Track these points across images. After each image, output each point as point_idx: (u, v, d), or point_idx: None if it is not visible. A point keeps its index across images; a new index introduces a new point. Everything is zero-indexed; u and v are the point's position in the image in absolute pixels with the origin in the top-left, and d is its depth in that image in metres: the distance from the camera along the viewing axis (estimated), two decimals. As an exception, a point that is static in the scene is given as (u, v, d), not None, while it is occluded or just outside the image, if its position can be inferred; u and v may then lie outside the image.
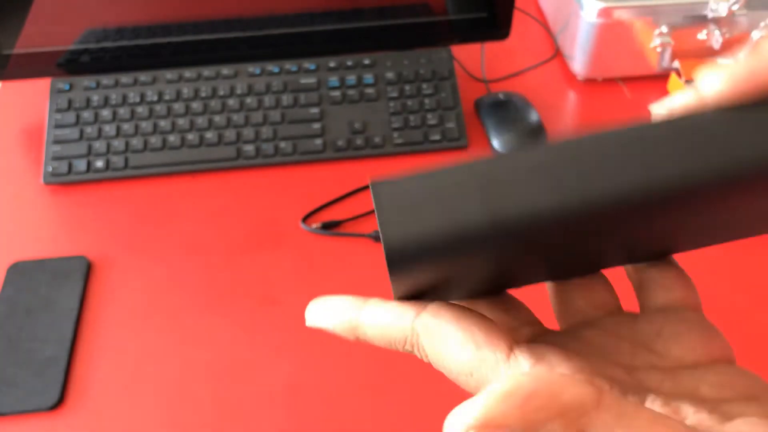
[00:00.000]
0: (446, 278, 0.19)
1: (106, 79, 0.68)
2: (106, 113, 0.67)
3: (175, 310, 0.56)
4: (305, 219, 0.62)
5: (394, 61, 0.70)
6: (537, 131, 0.67)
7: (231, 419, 0.49)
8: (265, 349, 0.53)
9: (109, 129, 0.66)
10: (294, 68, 0.69)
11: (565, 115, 0.72)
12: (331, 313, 0.21)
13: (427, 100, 0.68)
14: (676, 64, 0.72)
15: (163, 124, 0.66)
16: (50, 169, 0.64)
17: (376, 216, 0.18)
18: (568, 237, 0.18)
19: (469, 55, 0.76)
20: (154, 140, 0.66)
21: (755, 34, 0.72)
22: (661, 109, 0.20)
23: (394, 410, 0.50)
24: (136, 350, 0.53)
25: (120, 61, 0.68)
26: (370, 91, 0.69)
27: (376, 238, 0.60)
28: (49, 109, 0.67)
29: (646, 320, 0.21)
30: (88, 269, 0.58)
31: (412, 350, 0.20)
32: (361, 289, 0.57)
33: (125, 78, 0.68)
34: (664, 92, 0.74)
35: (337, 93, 0.68)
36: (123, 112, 0.67)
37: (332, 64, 0.70)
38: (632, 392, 0.18)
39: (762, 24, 0.71)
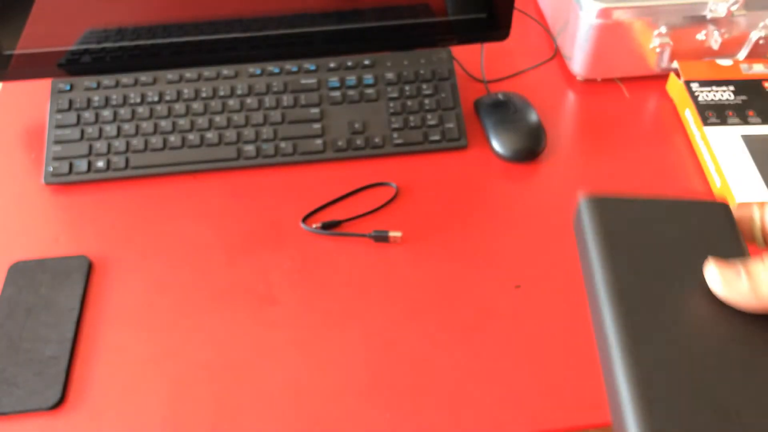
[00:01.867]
0: None
1: (107, 80, 0.68)
2: (106, 113, 0.67)
3: (175, 310, 0.56)
4: (305, 219, 0.62)
5: (394, 61, 0.70)
6: (536, 131, 0.67)
7: (231, 418, 0.50)
8: (266, 349, 0.53)
9: (110, 129, 0.66)
10: (294, 69, 0.70)
11: (565, 115, 0.73)
12: None
13: (426, 101, 0.69)
14: (675, 64, 0.73)
15: (164, 124, 0.66)
16: (51, 169, 0.64)
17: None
18: None
19: (468, 56, 0.77)
20: (155, 140, 0.66)
21: (754, 35, 0.72)
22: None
23: (393, 410, 0.50)
24: (137, 350, 0.53)
25: (121, 61, 0.68)
26: (370, 91, 0.69)
27: (376, 238, 0.60)
28: (50, 110, 0.67)
29: None
30: (89, 269, 0.58)
31: None
32: (361, 288, 0.57)
33: (126, 78, 0.68)
34: (663, 92, 0.75)
35: (337, 93, 0.69)
36: (124, 112, 0.67)
37: (332, 65, 0.70)
38: None
39: (761, 24, 0.71)
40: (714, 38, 0.71)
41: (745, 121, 0.67)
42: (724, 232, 0.28)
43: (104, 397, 0.51)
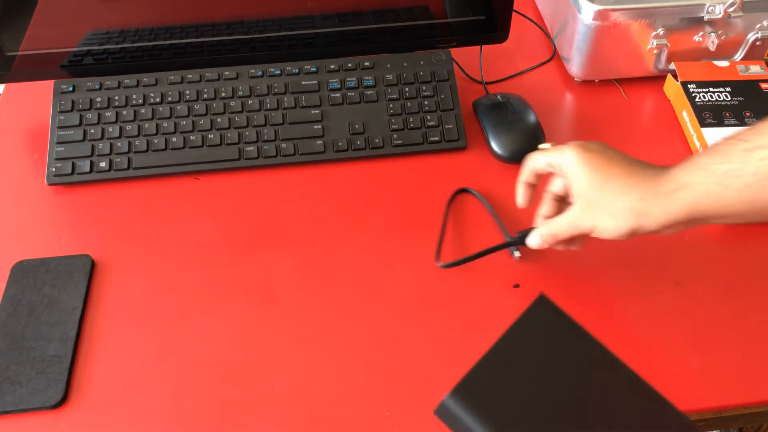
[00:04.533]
0: None
1: (109, 81, 0.69)
2: (109, 114, 0.67)
3: (177, 309, 0.56)
4: (438, 257, 0.59)
5: (394, 63, 0.71)
6: (535, 132, 0.68)
7: (233, 416, 0.50)
8: (267, 347, 0.54)
9: (112, 130, 0.67)
10: (295, 70, 0.70)
11: (563, 116, 0.73)
12: None
13: (426, 102, 0.69)
14: (672, 65, 0.73)
15: (166, 125, 0.67)
16: (54, 169, 0.65)
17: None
18: None
19: (467, 57, 0.77)
20: (157, 141, 0.66)
21: (751, 36, 0.73)
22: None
23: (394, 408, 0.50)
24: (140, 348, 0.54)
25: (123, 63, 0.69)
26: (370, 92, 0.69)
27: (514, 246, 0.57)
28: (52, 111, 0.68)
29: None
30: (91, 268, 0.58)
31: None
32: (361, 287, 0.58)
33: (128, 80, 0.69)
34: (661, 93, 0.75)
35: (337, 95, 0.69)
36: (126, 113, 0.67)
37: (333, 67, 0.70)
38: None
39: (758, 26, 0.72)
40: (711, 40, 0.72)
41: (742, 122, 0.67)
42: (560, 326, 0.35)
43: (107, 395, 0.51)
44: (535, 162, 0.53)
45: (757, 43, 0.73)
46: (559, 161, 0.50)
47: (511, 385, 0.32)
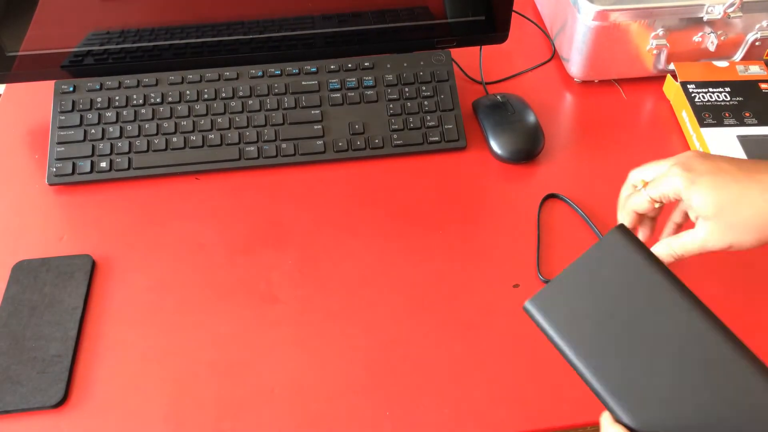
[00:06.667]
0: None
1: (110, 81, 0.69)
2: (109, 114, 0.67)
3: (178, 309, 0.56)
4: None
5: (394, 63, 0.71)
6: (534, 132, 0.68)
7: (233, 416, 0.50)
8: (267, 347, 0.54)
9: (113, 130, 0.67)
10: (295, 71, 0.70)
11: (562, 117, 0.73)
12: None
13: (426, 102, 0.69)
14: (672, 66, 0.73)
15: (166, 125, 0.67)
16: (54, 169, 0.65)
17: None
18: None
19: (467, 58, 0.77)
20: (158, 141, 0.66)
21: (750, 36, 0.73)
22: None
23: (393, 407, 0.50)
24: (140, 348, 0.54)
25: (123, 63, 0.69)
26: (370, 93, 0.69)
27: None
28: (53, 111, 0.68)
29: None
30: (92, 268, 0.58)
31: None
32: (361, 288, 0.58)
33: (128, 80, 0.69)
34: (660, 94, 0.75)
35: (337, 95, 0.69)
36: (126, 113, 0.67)
37: (333, 67, 0.71)
38: None
39: (757, 26, 0.72)
40: (710, 40, 0.72)
41: (741, 122, 0.67)
42: (633, 254, 0.39)
43: (107, 395, 0.51)
44: (638, 204, 0.49)
45: (757, 43, 0.73)
46: (671, 193, 0.47)
47: (582, 303, 0.37)
